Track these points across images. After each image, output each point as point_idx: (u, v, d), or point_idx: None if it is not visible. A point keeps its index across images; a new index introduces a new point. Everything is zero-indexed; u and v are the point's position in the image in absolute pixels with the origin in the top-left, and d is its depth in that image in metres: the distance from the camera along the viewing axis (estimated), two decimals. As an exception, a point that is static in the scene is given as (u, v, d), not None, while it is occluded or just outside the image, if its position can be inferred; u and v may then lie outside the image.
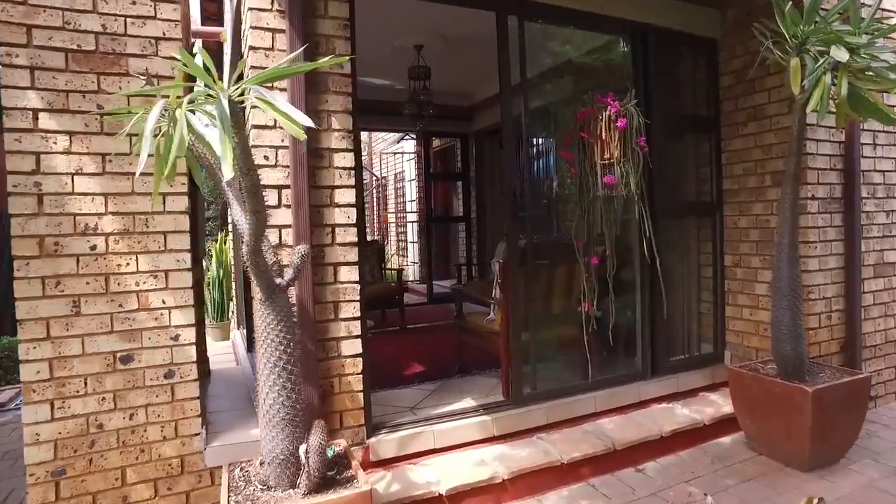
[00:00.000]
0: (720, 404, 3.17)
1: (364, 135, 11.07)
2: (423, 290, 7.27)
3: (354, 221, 2.34)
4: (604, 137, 2.53)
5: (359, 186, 2.36)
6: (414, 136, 8.11)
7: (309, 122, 1.19)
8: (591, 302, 2.94)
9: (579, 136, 2.66)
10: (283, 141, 2.20)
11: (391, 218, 11.02)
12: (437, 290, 6.85)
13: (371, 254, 5.46)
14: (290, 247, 2.20)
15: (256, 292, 1.70)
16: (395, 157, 10.51)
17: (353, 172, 2.34)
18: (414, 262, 9.34)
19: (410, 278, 8.87)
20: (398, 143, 9.82)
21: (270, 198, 2.20)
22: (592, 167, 2.63)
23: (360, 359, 2.36)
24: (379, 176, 11.46)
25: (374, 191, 11.65)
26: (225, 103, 1.20)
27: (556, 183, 3.63)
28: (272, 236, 2.20)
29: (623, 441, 2.69)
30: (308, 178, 2.20)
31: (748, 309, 3.44)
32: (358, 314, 2.36)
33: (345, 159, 2.32)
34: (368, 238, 7.51)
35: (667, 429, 2.83)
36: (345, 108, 2.32)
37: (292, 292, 2.21)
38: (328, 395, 2.31)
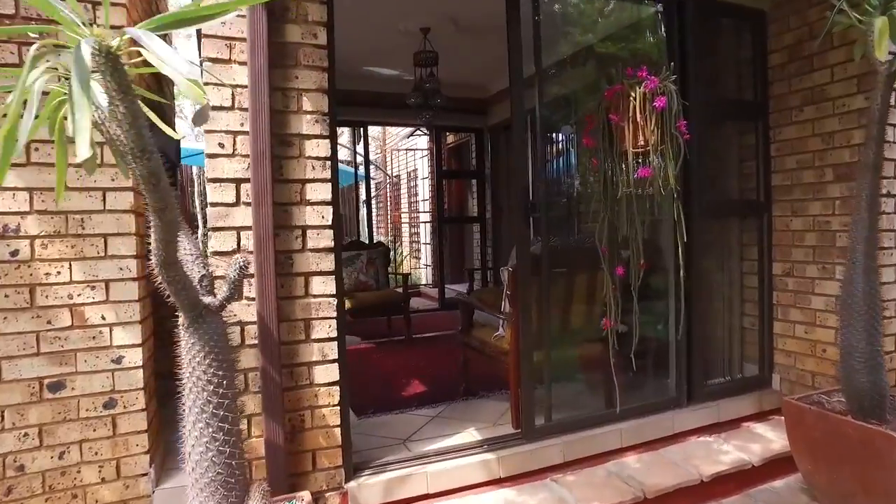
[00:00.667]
0: (769, 439, 2.69)
1: (377, 130, 10.74)
2: (435, 294, 6.88)
3: (330, 223, 1.95)
4: (637, 120, 2.06)
5: (335, 181, 1.97)
6: (426, 132, 7.71)
7: (194, 75, 0.80)
8: (618, 317, 2.49)
9: (605, 119, 2.19)
10: (242, 125, 1.83)
11: (404, 218, 10.64)
12: (449, 296, 6.46)
13: (376, 257, 5.09)
14: (252, 253, 1.83)
15: (180, 315, 1.33)
16: (407, 154, 10.13)
17: (328, 164, 1.95)
18: (427, 265, 8.96)
19: (423, 282, 8.49)
20: (408, 137, 9.43)
21: (227, 194, 1.83)
22: (622, 155, 2.15)
23: (336, 387, 1.97)
24: (391, 174, 11.09)
25: (387, 189, 11.29)
26: (86, 53, 0.82)
27: (577, 181, 3.21)
28: (229, 240, 1.84)
29: (655, 488, 2.24)
30: (272, 170, 1.82)
31: (803, 326, 2.94)
32: (335, 334, 1.97)
33: (319, 147, 1.93)
34: (375, 240, 7.13)
35: (708, 471, 2.37)
36: (319, 87, 1.93)
37: (253, 311, 1.84)
38: (297, 432, 1.92)
